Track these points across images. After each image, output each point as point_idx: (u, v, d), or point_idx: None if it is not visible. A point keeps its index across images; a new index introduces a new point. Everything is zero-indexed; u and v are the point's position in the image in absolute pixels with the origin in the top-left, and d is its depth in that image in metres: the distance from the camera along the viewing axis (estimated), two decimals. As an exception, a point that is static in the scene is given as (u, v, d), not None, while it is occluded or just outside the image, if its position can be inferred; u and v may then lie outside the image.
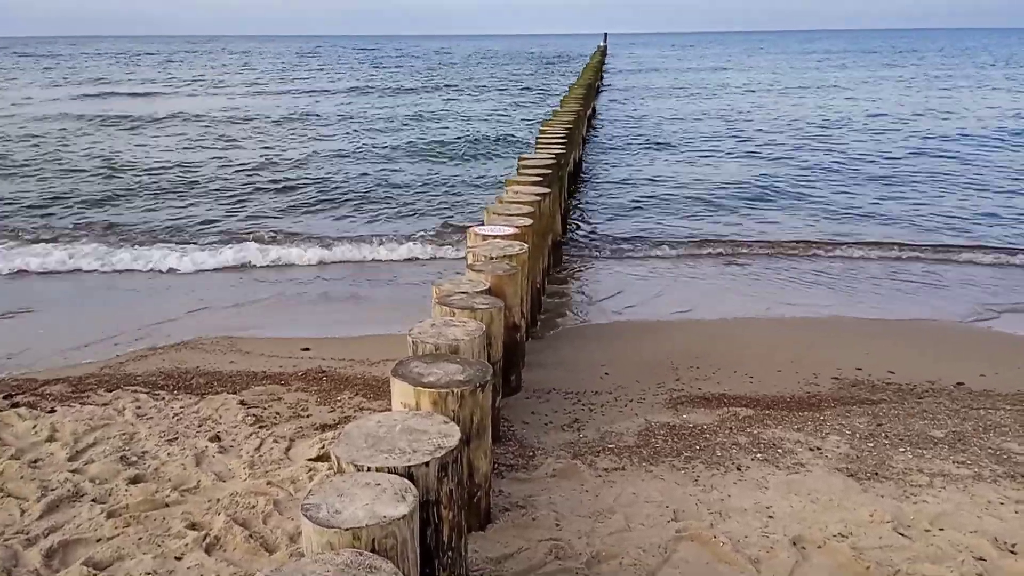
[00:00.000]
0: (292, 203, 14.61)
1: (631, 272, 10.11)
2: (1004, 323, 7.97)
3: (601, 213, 13.54)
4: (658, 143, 22.05)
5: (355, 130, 25.24)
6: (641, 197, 14.86)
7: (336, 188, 15.77)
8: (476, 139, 22.89)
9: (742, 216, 13.44)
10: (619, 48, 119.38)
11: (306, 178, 16.77)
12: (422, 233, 12.05)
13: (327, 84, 46.36)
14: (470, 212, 13.46)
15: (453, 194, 15.44)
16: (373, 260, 10.79)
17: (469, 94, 39.57)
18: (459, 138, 23.02)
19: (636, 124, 26.36)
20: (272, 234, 12.12)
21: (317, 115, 29.62)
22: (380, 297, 9.22)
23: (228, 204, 14.54)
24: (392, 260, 10.82)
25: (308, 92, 40.72)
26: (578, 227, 12.42)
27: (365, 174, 17.28)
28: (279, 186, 16.06)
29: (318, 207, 14.36)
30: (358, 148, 21.28)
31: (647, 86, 44.79)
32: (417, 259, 10.85)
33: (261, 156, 19.86)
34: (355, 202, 14.64)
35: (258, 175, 17.27)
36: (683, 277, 9.95)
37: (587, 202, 14.36)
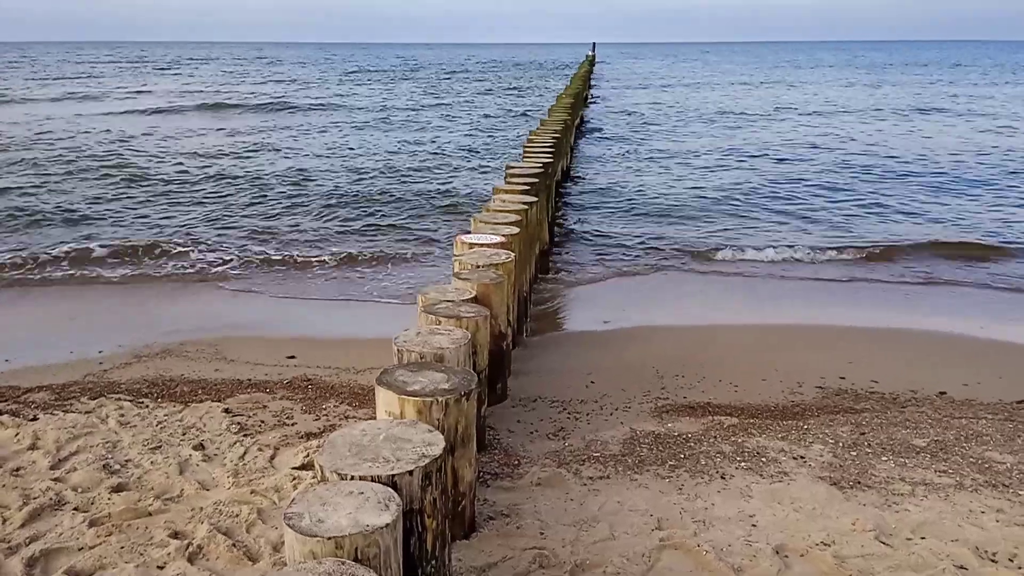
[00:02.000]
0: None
1: (618, 281, 10.15)
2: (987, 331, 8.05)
3: (588, 222, 13.58)
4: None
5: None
6: (629, 206, 14.92)
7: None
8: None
9: (726, 225, 13.51)
10: (610, 58, 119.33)
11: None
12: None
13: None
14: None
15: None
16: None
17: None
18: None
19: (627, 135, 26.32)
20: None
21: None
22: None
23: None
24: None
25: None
26: (566, 236, 12.46)
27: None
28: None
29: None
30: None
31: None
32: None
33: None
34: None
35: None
36: (669, 285, 10.00)
37: (575, 211, 14.40)
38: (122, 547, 3.91)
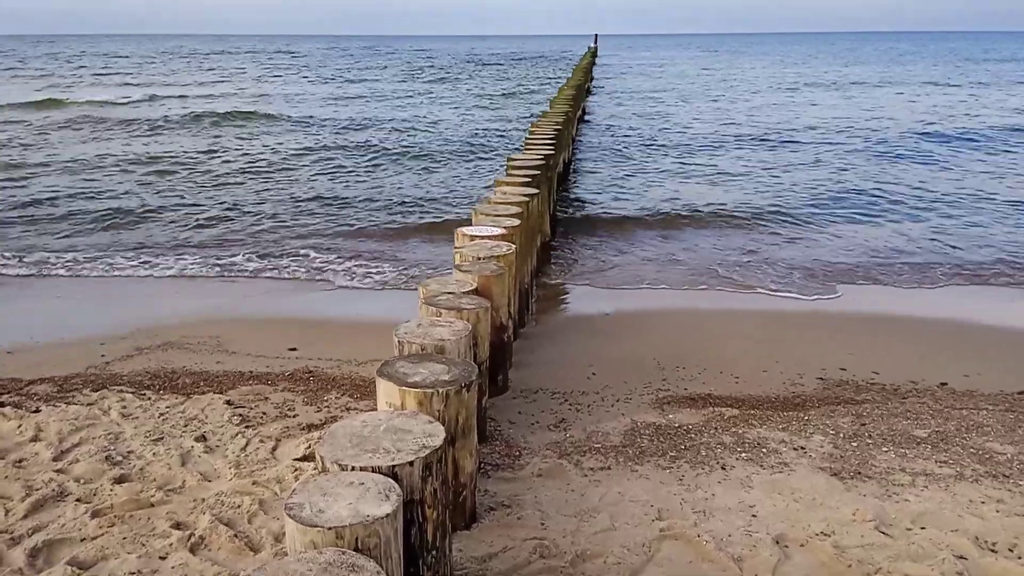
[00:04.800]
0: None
1: (620, 273, 10.14)
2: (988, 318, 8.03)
3: (591, 214, 13.54)
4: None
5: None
6: (630, 196, 14.89)
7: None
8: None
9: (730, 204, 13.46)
10: (613, 50, 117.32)
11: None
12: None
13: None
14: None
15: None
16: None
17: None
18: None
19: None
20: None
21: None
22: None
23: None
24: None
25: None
26: (567, 227, 12.43)
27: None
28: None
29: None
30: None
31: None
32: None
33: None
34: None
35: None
36: (672, 276, 9.98)
37: (576, 202, 14.36)
38: (124, 538, 3.92)
